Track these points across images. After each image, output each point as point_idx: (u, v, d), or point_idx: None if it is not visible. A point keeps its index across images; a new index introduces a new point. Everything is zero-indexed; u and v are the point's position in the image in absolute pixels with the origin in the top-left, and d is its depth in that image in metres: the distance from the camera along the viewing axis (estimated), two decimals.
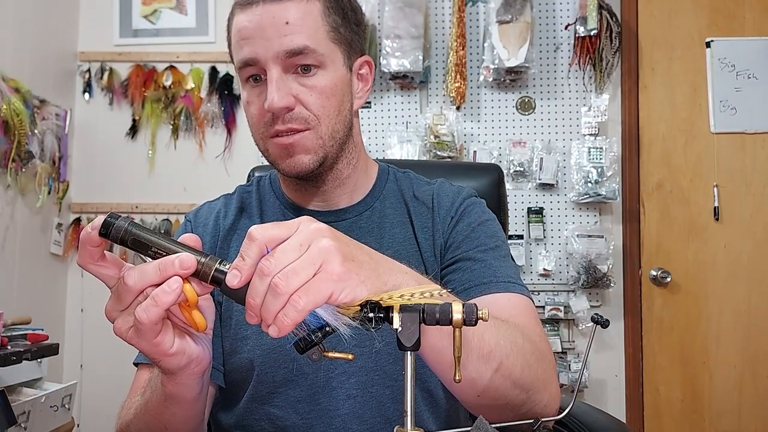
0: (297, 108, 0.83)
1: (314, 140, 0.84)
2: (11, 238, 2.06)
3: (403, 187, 0.97)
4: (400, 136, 2.29)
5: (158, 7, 2.43)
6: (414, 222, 0.93)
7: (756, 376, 2.28)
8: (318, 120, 0.84)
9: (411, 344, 0.51)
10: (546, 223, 2.31)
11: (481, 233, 0.90)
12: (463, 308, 0.52)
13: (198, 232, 0.93)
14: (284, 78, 0.82)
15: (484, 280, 0.83)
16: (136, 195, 2.40)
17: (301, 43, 0.81)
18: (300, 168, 0.85)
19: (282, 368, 0.85)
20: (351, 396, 0.84)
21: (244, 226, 0.94)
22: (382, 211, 0.94)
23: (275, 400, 0.86)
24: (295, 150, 0.84)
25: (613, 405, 2.30)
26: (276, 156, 0.86)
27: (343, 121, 0.87)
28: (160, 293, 0.53)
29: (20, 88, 2.01)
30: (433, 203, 0.94)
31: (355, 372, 0.85)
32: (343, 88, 0.87)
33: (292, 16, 0.81)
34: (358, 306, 0.53)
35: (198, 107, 2.39)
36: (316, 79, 0.83)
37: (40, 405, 1.49)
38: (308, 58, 0.82)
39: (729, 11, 2.35)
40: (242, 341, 0.86)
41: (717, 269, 2.31)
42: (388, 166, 1.01)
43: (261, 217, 0.95)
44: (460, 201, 0.94)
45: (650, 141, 2.36)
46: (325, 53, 0.83)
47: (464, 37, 2.28)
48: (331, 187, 0.91)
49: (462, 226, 0.91)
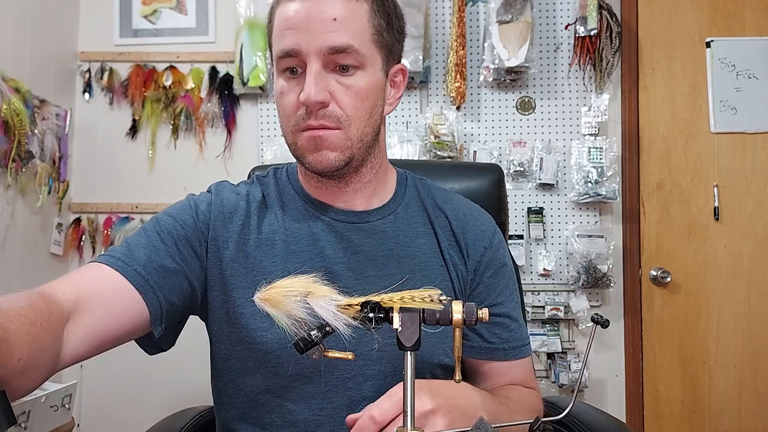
0: (331, 105, 0.82)
1: (343, 140, 0.84)
2: (11, 238, 2.06)
3: (423, 194, 0.98)
4: (400, 136, 2.29)
5: (158, 7, 2.43)
6: (438, 234, 0.94)
7: (756, 376, 2.28)
8: (350, 120, 0.83)
9: (411, 344, 0.51)
10: (546, 223, 2.31)
11: (509, 280, 0.98)
12: (463, 308, 0.52)
13: (218, 200, 0.92)
14: (323, 73, 0.81)
15: (520, 343, 0.95)
16: (136, 195, 2.40)
17: (345, 42, 0.80)
18: (326, 164, 0.84)
19: (299, 363, 0.84)
20: (366, 398, 0.84)
21: (265, 216, 0.92)
22: (406, 218, 0.95)
23: (289, 394, 0.86)
24: (324, 144, 0.83)
25: (613, 405, 2.30)
26: (304, 149, 0.85)
27: (372, 125, 0.87)
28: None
29: (20, 88, 2.01)
30: (458, 223, 0.96)
31: (373, 375, 0.85)
32: (377, 92, 0.86)
33: (340, 13, 0.81)
34: (358, 306, 0.53)
35: (198, 107, 2.39)
36: (354, 79, 0.83)
37: (40, 405, 1.49)
38: (350, 58, 0.81)
39: (729, 11, 2.35)
40: (256, 332, 0.85)
41: (717, 269, 2.31)
42: (405, 172, 1.01)
43: (282, 209, 0.93)
44: (492, 231, 0.98)
45: (650, 141, 2.36)
46: (367, 55, 0.83)
47: (464, 37, 2.28)
48: (352, 190, 0.92)
49: (496, 266, 0.96)
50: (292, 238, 0.90)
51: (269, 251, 0.89)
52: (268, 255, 0.89)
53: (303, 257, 0.88)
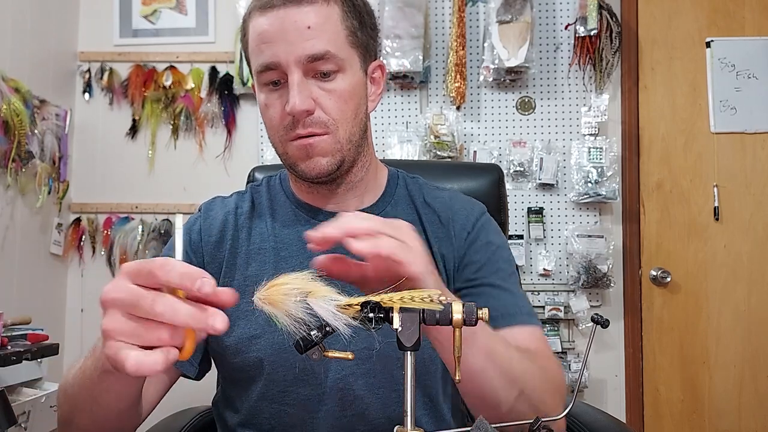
0: (317, 112, 0.83)
1: (333, 144, 0.85)
2: (11, 238, 2.06)
3: (413, 192, 0.97)
4: (400, 136, 2.29)
5: (158, 7, 2.43)
6: (427, 230, 0.93)
7: (756, 376, 2.28)
8: (336, 124, 0.84)
9: (411, 344, 0.51)
10: (546, 223, 2.30)
11: (499, 258, 0.92)
12: (463, 308, 0.52)
13: (207, 224, 0.94)
14: (305, 82, 0.82)
15: (511, 311, 0.85)
16: (136, 195, 2.40)
17: (323, 48, 0.81)
18: (318, 170, 0.85)
19: (293, 368, 0.85)
20: (358, 397, 0.85)
21: (255, 225, 0.94)
22: (394, 216, 0.94)
23: (286, 399, 0.86)
24: (314, 151, 0.84)
25: (613, 405, 2.30)
26: (296, 158, 0.86)
27: (359, 125, 0.88)
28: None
29: (20, 88, 2.01)
30: (446, 214, 0.94)
31: (363, 374, 0.85)
32: (360, 92, 0.87)
33: (314, 20, 0.81)
34: (359, 306, 0.53)
35: (198, 107, 2.39)
36: (335, 83, 0.83)
37: (40, 405, 1.49)
38: (329, 63, 0.82)
39: (729, 11, 2.35)
40: (250, 340, 0.86)
41: (717, 269, 2.31)
42: (398, 170, 1.01)
43: (272, 216, 0.95)
44: (476, 217, 0.95)
45: (650, 141, 2.36)
46: (345, 57, 0.84)
47: (464, 37, 2.28)
48: (344, 190, 0.92)
49: (480, 245, 0.92)
50: (282, 244, 0.91)
51: (260, 259, 0.91)
52: (259, 263, 0.90)
53: (293, 262, 0.88)
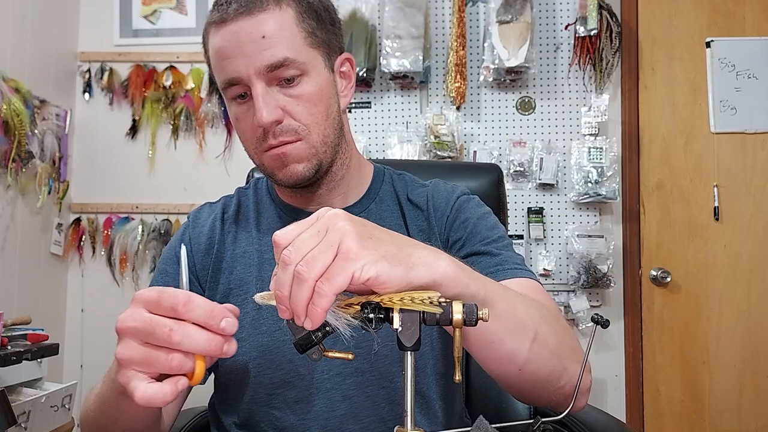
0: (286, 120, 0.82)
1: (307, 149, 0.84)
2: (11, 238, 2.06)
3: (398, 189, 0.97)
4: (400, 136, 2.29)
5: (158, 7, 2.43)
6: (409, 225, 0.92)
7: (756, 376, 2.28)
8: (308, 129, 0.84)
9: (411, 344, 0.51)
10: (546, 223, 2.30)
11: (482, 227, 0.90)
12: (463, 308, 0.52)
13: (196, 233, 0.95)
14: (269, 92, 0.82)
15: (492, 269, 0.82)
16: (136, 195, 2.40)
17: (281, 55, 0.80)
18: (296, 177, 0.85)
19: (279, 370, 0.85)
20: (347, 396, 0.84)
21: (241, 230, 0.95)
22: (378, 213, 0.94)
23: (274, 402, 0.86)
24: (289, 159, 0.84)
25: (613, 405, 2.30)
26: (272, 168, 0.86)
27: (332, 125, 0.87)
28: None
29: (20, 88, 2.01)
30: (427, 205, 0.93)
31: (351, 373, 0.85)
32: (329, 92, 0.86)
33: (268, 29, 0.80)
34: (359, 306, 0.53)
35: (198, 107, 2.39)
36: (301, 87, 0.83)
37: (40, 405, 1.49)
38: (290, 69, 0.81)
39: (729, 11, 2.35)
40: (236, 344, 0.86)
41: (717, 269, 2.31)
42: (384, 167, 1.01)
43: (257, 219, 0.95)
44: (453, 199, 0.93)
45: (650, 141, 2.36)
46: (306, 60, 0.83)
47: (464, 37, 2.28)
48: (326, 190, 0.91)
49: (459, 223, 0.91)
50: (266, 247, 0.91)
51: (244, 263, 0.91)
52: (243, 267, 0.91)
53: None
